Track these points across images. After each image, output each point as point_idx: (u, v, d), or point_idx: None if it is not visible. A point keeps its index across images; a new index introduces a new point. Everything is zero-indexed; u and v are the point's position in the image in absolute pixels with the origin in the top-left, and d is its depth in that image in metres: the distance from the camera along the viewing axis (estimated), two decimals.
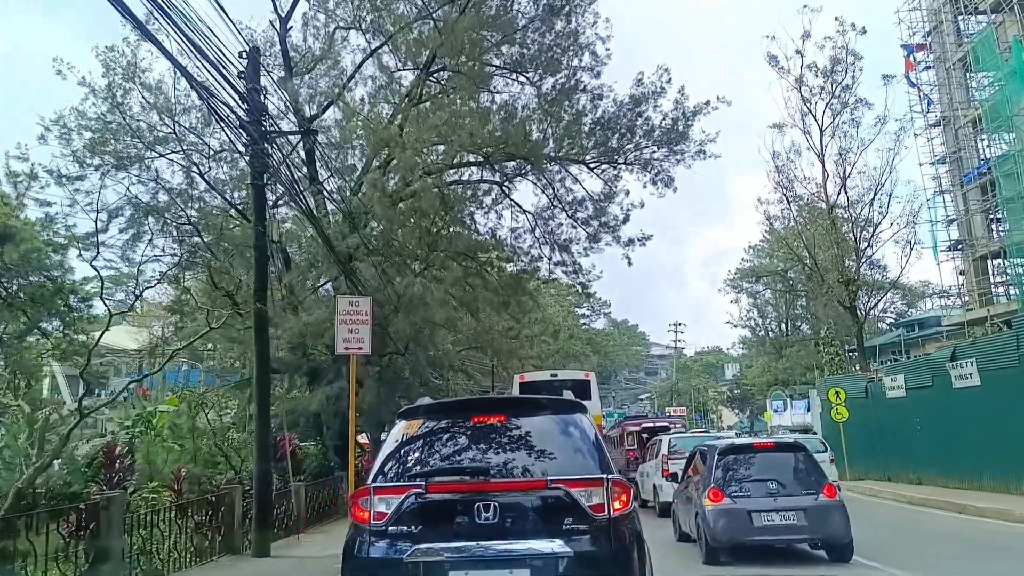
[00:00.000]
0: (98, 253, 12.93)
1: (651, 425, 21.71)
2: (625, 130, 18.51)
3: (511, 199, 21.08)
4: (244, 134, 8.89)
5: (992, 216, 32.83)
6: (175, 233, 16.74)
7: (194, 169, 17.15)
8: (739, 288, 58.70)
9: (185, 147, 17.36)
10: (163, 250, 17.26)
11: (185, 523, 9.00)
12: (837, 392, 21.85)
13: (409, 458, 5.01)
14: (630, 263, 19.62)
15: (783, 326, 58.95)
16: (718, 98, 18.55)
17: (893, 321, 56.19)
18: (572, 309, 60.58)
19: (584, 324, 65.34)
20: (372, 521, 4.63)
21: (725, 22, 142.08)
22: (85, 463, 11.85)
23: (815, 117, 32.58)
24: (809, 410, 48.61)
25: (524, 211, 21.34)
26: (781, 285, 53.84)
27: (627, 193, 19.25)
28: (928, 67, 35.68)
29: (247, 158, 9.51)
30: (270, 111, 11.80)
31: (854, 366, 46.60)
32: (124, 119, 16.54)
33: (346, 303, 8.96)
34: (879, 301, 36.18)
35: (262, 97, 9.19)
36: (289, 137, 10.66)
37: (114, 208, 16.59)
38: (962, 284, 34.48)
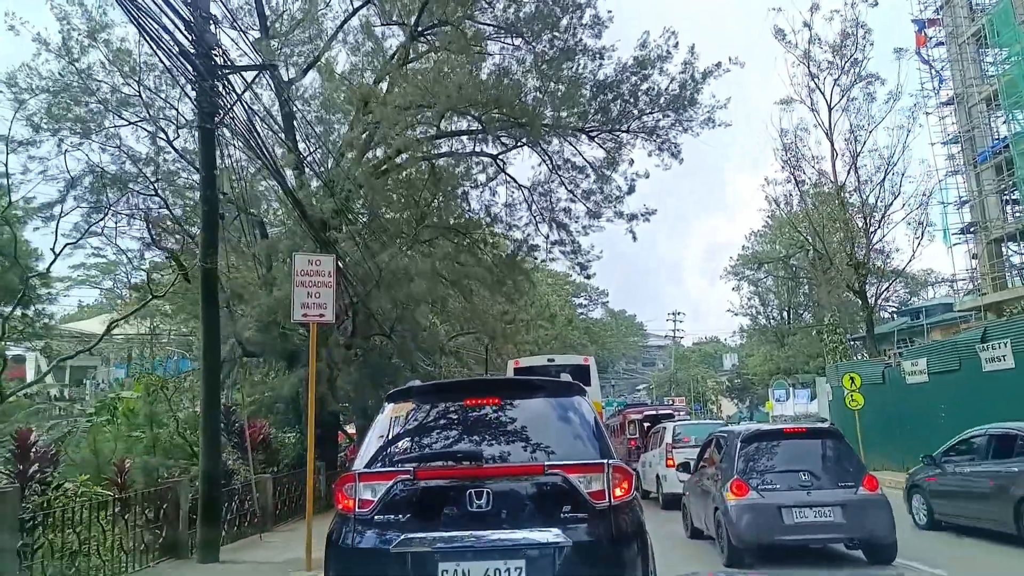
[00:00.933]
0: (9, 205, 11.52)
1: (654, 413, 20.51)
2: (628, 96, 17.12)
3: (506, 173, 19.77)
4: (190, 68, 7.53)
5: (1007, 197, 31.65)
6: (138, 204, 15.31)
7: (160, 136, 15.74)
8: (740, 275, 57.54)
9: (152, 113, 15.96)
10: (128, 223, 15.87)
11: (115, 521, 7.70)
12: (852, 378, 20.52)
13: (397, 442, 4.73)
14: (635, 237, 18.48)
15: (785, 314, 57.90)
16: (730, 59, 17.11)
17: (895, 309, 55.18)
18: (569, 298, 59.66)
19: (581, 314, 64.51)
20: (357, 509, 4.34)
21: (725, 22, 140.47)
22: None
23: (823, 93, 31.20)
24: (813, 399, 47.66)
25: (520, 186, 20.05)
26: (784, 272, 52.65)
27: (631, 162, 17.91)
28: (940, 43, 34.39)
29: (192, 98, 8.14)
30: (237, 62, 10.50)
31: (856, 354, 45.48)
32: (82, 79, 15.12)
33: (304, 261, 7.55)
34: (890, 285, 34.82)
35: (212, 26, 7.83)
36: (245, 77, 9.27)
37: (73, 177, 15.17)
38: (974, 268, 33.28)
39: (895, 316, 52.93)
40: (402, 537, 4.17)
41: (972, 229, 32.68)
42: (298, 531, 10.70)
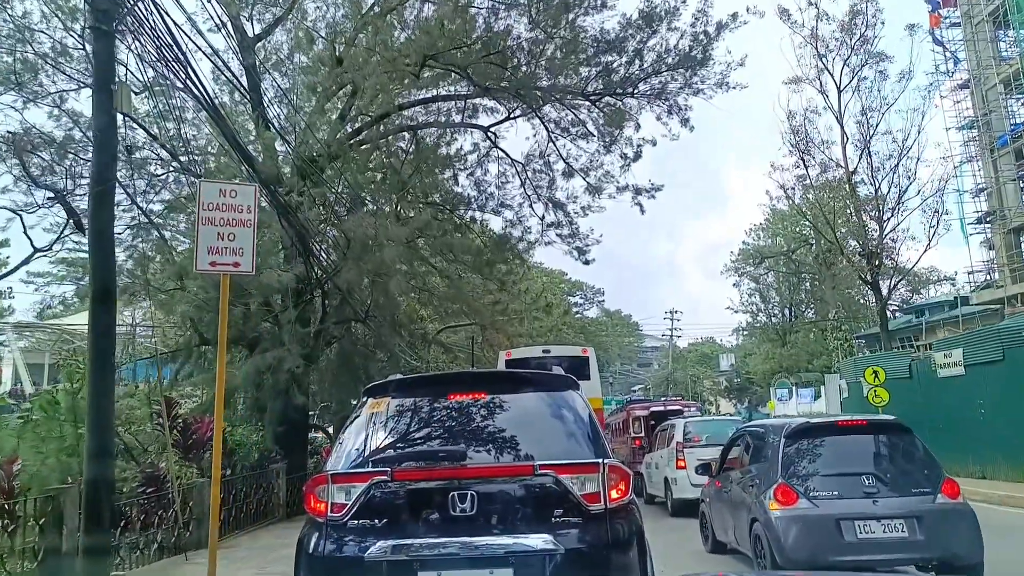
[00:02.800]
0: None
1: (662, 408, 18.73)
2: (633, 54, 15.36)
3: (498, 147, 18.01)
4: None
5: None
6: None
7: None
8: (742, 271, 55.96)
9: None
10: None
11: None
12: (876, 372, 18.79)
13: (374, 441, 4.40)
14: (643, 210, 16.82)
15: (787, 311, 56.38)
16: (748, 10, 15.25)
17: (896, 308, 53.81)
18: (564, 297, 58.22)
19: (577, 313, 63.23)
20: (329, 514, 4.02)
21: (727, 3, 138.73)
22: None
23: (831, 74, 29.40)
24: (817, 398, 46.05)
25: (514, 161, 18.28)
26: (785, 267, 51.09)
27: (638, 127, 16.14)
28: (954, 24, 32.88)
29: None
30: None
31: (861, 353, 43.84)
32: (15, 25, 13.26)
33: (214, 191, 5.45)
34: (905, 276, 33.10)
35: None
36: None
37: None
38: (991, 259, 31.71)
39: (895, 315, 51.55)
40: (378, 544, 3.89)
41: (989, 218, 31.15)
42: (240, 548, 8.84)
